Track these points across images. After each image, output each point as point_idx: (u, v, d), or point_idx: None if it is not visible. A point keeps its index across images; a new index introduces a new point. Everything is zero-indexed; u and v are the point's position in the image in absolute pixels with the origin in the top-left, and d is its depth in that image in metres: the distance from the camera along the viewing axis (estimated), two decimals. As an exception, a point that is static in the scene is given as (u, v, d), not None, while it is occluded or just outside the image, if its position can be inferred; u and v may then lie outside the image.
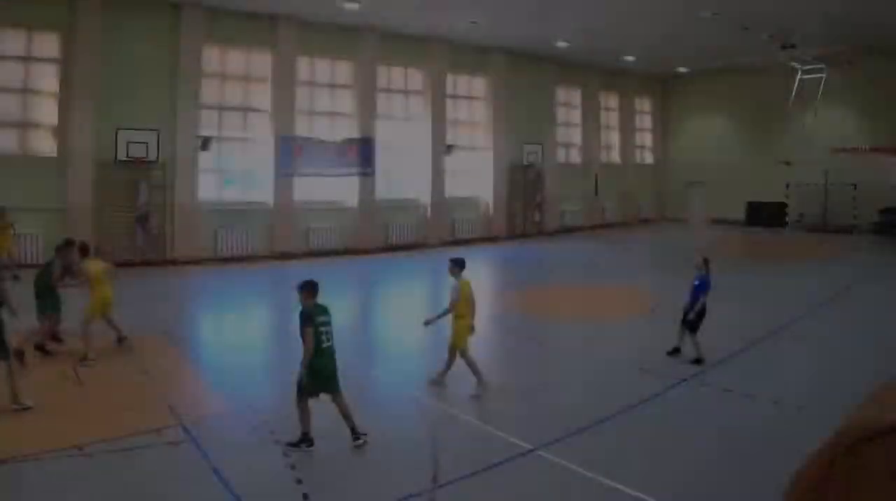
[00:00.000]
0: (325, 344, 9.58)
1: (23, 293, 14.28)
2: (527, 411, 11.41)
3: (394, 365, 14.11)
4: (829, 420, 4.09)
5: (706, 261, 14.25)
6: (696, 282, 14.03)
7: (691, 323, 13.88)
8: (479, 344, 15.93)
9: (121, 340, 14.54)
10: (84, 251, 14.89)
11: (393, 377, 13.29)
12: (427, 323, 12.37)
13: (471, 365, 12.30)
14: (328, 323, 9.70)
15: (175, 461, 9.18)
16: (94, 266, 14.43)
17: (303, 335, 9.48)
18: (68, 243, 14.73)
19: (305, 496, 8.21)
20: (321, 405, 10.52)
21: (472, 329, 12.38)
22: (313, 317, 9.51)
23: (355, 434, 9.66)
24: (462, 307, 12.16)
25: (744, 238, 39.86)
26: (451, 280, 12.42)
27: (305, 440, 9.57)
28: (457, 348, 12.31)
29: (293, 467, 9.00)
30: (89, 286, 14.21)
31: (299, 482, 8.58)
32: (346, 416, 9.70)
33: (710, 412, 11.28)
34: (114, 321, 14.61)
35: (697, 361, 13.70)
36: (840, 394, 11.48)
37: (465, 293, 12.21)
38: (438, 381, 12.59)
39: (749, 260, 30.74)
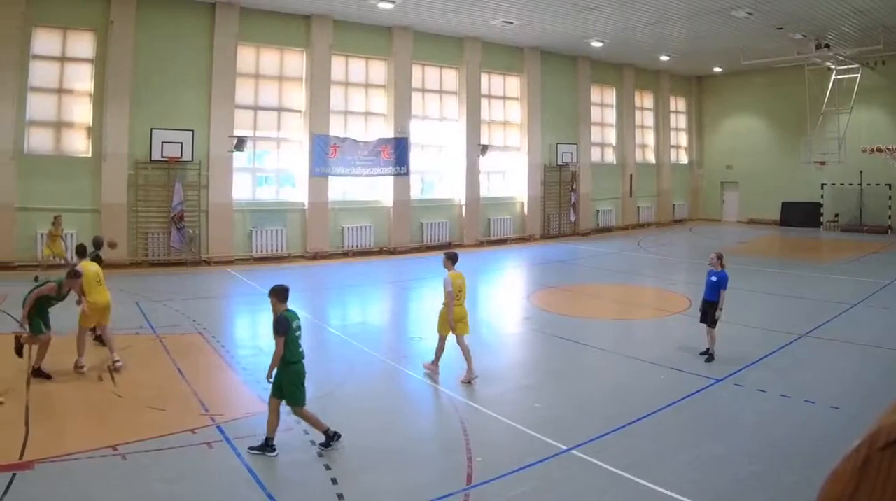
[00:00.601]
0: (300, 349, 9.55)
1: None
2: (560, 411, 11.22)
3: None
4: (864, 420, 3.77)
5: (720, 257, 13.97)
6: (714, 279, 13.82)
7: (714, 318, 13.69)
8: (514, 343, 16.43)
9: (114, 363, 12.93)
10: (81, 253, 14.05)
11: (426, 377, 12.95)
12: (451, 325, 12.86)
13: (440, 349, 12.98)
14: (300, 328, 9.63)
15: (209, 461, 9.03)
16: (88, 269, 13.24)
17: (277, 341, 9.39)
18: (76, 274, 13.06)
19: (340, 496, 8.07)
20: (360, 407, 10.98)
21: (463, 317, 12.95)
22: (290, 324, 9.43)
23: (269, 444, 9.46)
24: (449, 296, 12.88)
25: (778, 238, 38.92)
26: (444, 273, 13.02)
27: (330, 436, 9.39)
28: (441, 333, 12.95)
29: (328, 467, 8.86)
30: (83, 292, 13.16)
31: (334, 482, 8.43)
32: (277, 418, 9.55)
33: (745, 412, 10.98)
34: (109, 337, 13.27)
35: (709, 355, 13.68)
36: (875, 394, 11.65)
37: (457, 285, 12.79)
38: (466, 380, 12.59)
39: (784, 261, 30.01)
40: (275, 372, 9.41)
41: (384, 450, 9.53)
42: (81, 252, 14.10)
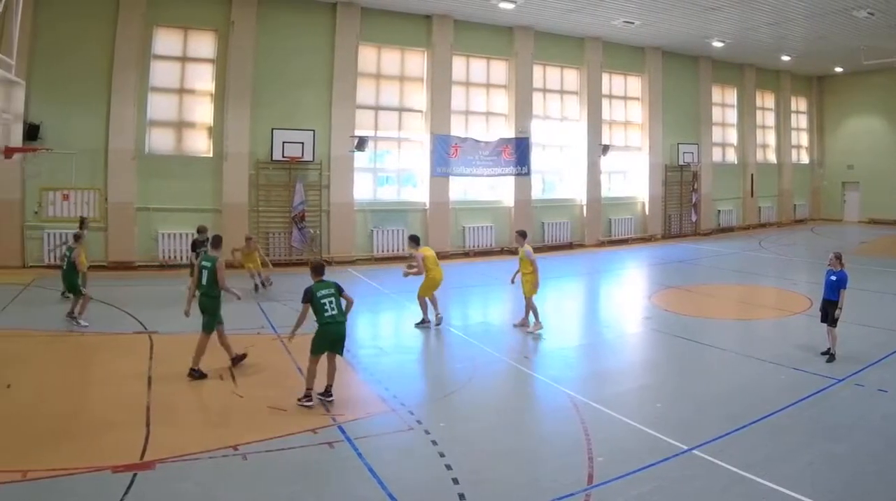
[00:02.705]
0: (327, 314, 9.84)
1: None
2: (681, 410, 10.18)
3: (549, 365, 12.53)
4: None
5: (839, 257, 12.68)
6: (833, 278, 12.52)
7: (834, 318, 12.42)
8: (635, 343, 14.78)
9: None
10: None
11: (548, 377, 11.65)
12: (513, 281, 14.93)
13: (534, 309, 14.47)
14: (329, 296, 9.93)
15: (331, 461, 8.20)
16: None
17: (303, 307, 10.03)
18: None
19: (461, 496, 7.28)
20: (483, 406, 10.27)
21: (537, 284, 14.43)
22: (313, 293, 9.87)
23: (328, 393, 10.01)
24: (527, 265, 14.35)
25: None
26: (519, 248, 14.83)
27: (328, 392, 10.00)
28: (527, 295, 14.44)
29: (449, 467, 7.98)
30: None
31: (455, 482, 7.60)
32: (331, 374, 10.07)
33: (866, 412, 9.89)
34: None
35: (830, 355, 12.41)
36: None
37: (524, 256, 14.51)
38: (522, 325, 14.71)
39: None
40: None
41: (506, 450, 8.71)
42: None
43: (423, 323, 15.00)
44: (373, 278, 21.32)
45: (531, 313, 14.45)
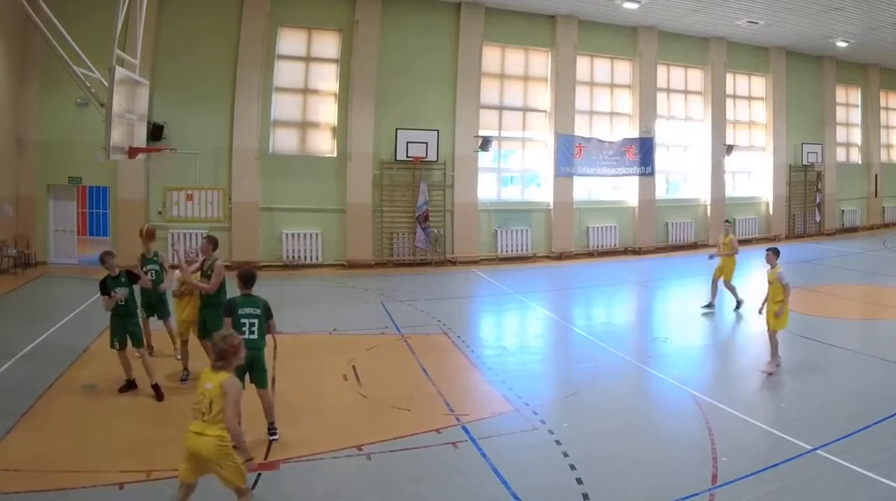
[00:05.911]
0: (245, 336, 6.32)
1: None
2: (805, 410, 8.13)
3: (672, 365, 10.19)
4: None
5: None
6: None
7: None
8: (760, 343, 11.54)
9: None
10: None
11: (671, 377, 9.56)
12: (760, 311, 10.15)
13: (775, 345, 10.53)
14: (252, 316, 6.87)
15: (455, 461, 6.70)
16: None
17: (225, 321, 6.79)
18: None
19: (585, 496, 5.91)
20: (606, 407, 8.50)
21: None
22: (234, 308, 6.88)
23: (272, 430, 7.03)
24: (778, 293, 10.21)
25: None
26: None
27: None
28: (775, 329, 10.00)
29: (573, 467, 6.49)
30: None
31: (580, 481, 6.19)
32: (268, 410, 7.05)
33: None
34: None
35: None
36: None
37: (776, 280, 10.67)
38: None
39: None
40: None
41: (630, 449, 6.96)
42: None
43: (709, 307, 12.95)
44: (497, 278, 17.48)
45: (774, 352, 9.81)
